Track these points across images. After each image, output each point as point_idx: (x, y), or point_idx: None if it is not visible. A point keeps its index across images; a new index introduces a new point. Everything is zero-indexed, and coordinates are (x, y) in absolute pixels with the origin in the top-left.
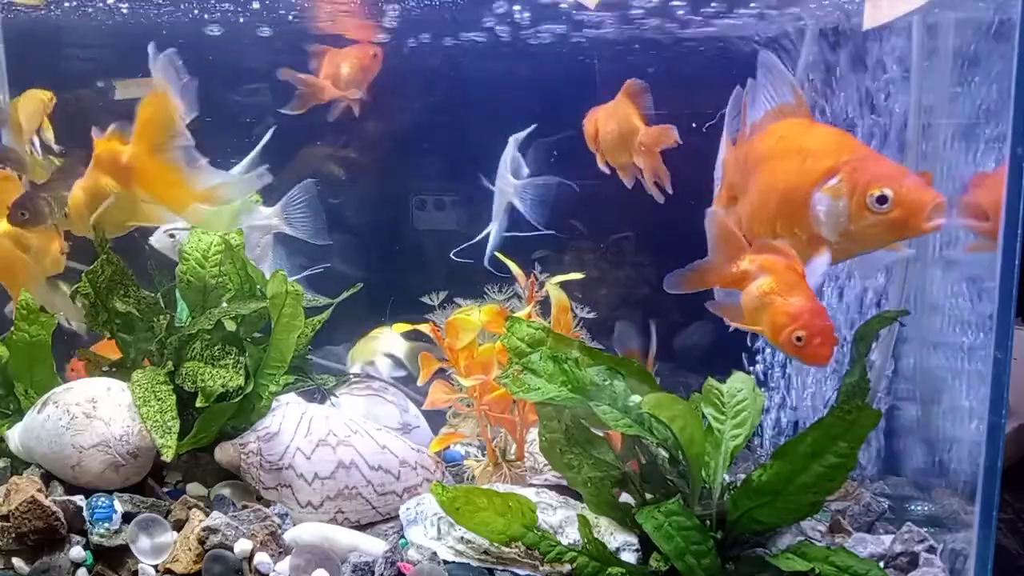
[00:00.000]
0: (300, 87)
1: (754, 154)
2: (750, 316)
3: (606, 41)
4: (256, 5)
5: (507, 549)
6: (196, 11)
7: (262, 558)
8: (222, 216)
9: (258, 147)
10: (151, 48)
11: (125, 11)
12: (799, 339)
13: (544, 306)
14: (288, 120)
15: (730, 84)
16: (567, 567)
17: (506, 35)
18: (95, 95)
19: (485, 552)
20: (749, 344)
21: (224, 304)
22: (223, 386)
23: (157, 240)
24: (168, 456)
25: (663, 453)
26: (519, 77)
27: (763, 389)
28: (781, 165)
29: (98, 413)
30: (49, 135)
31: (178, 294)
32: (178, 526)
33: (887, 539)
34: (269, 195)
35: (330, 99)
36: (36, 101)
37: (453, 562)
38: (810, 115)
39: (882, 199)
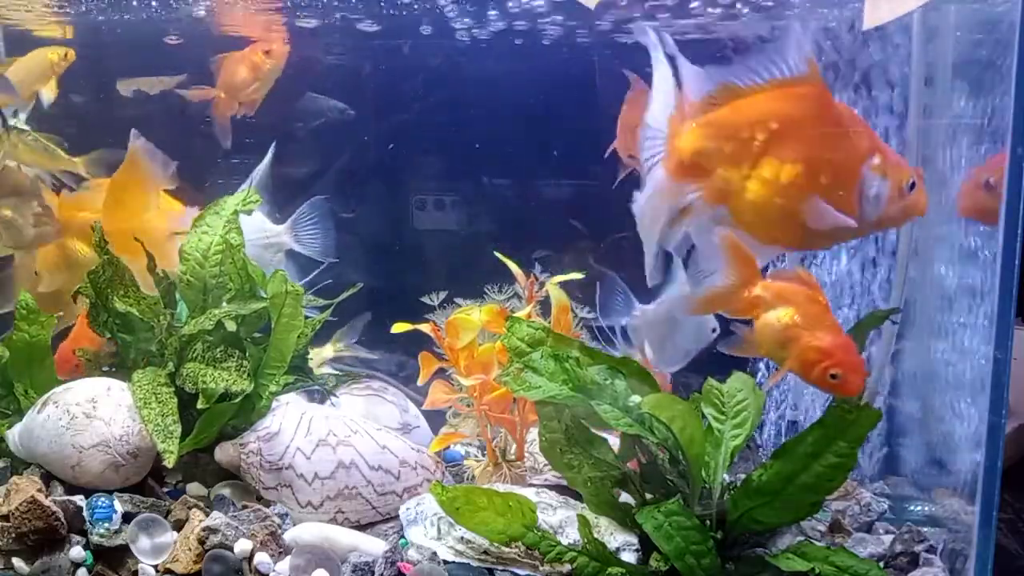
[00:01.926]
0: (201, 100)
1: (758, 118)
2: (771, 349)
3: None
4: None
5: (507, 549)
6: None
7: (262, 558)
8: None
9: (260, 169)
10: (133, 131)
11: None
12: (834, 376)
13: (544, 306)
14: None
15: None
16: (567, 567)
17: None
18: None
19: (485, 552)
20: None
21: (224, 304)
22: (227, 390)
23: None
24: (170, 462)
25: (663, 453)
26: (515, 76)
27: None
28: (826, 136)
29: (98, 413)
30: (50, 96)
31: (178, 294)
32: (178, 526)
33: (887, 539)
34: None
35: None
36: (37, 63)
37: (453, 562)
38: (827, 89)
39: (912, 185)
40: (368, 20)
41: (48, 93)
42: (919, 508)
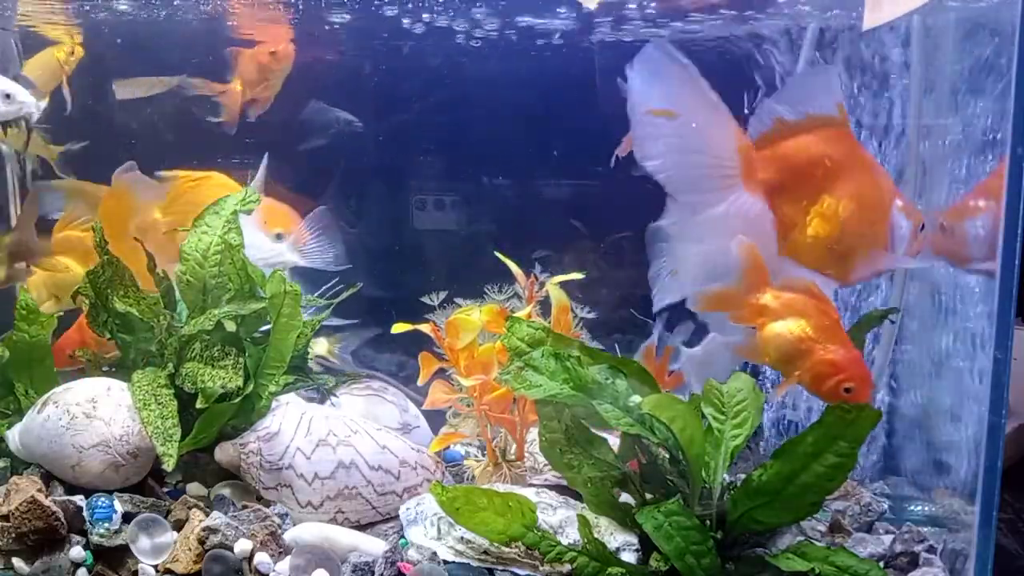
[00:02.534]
0: (208, 93)
1: (819, 155)
2: (776, 359)
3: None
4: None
5: (507, 549)
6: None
7: (262, 558)
8: None
9: (258, 177)
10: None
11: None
12: (848, 390)
13: (544, 306)
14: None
15: (731, 84)
16: (567, 567)
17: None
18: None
19: (485, 552)
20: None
21: (224, 304)
22: (223, 387)
23: None
24: (169, 466)
25: (663, 453)
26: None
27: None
28: (865, 177)
29: (98, 413)
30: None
31: (178, 294)
32: (178, 526)
33: (887, 539)
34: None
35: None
36: (47, 62)
37: (453, 562)
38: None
39: (923, 227)
40: (363, 19)
41: (67, 95)
42: (919, 508)
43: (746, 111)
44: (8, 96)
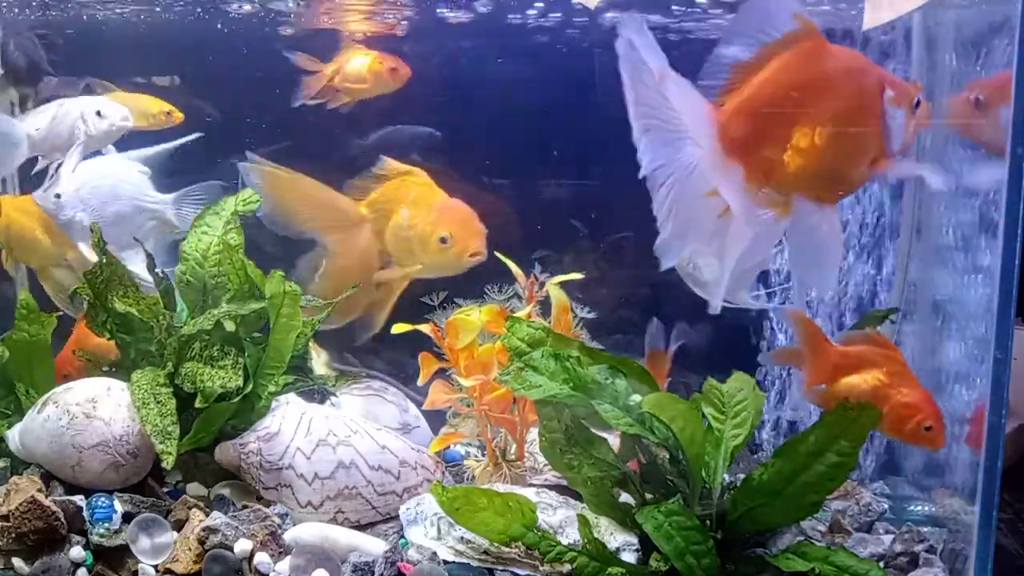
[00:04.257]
0: (305, 73)
1: (782, 89)
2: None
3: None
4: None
5: (507, 549)
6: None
7: (262, 558)
8: None
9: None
10: None
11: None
12: (928, 428)
13: (544, 306)
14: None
15: None
16: (567, 567)
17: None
18: None
19: (485, 552)
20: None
21: (224, 304)
22: (222, 387)
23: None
24: (168, 464)
25: (663, 453)
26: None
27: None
28: (842, 87)
29: (98, 413)
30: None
31: (177, 294)
32: (178, 526)
33: (887, 539)
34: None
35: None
36: (141, 107)
37: (453, 562)
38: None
39: (918, 102)
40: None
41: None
42: (919, 508)
43: None
44: (100, 113)
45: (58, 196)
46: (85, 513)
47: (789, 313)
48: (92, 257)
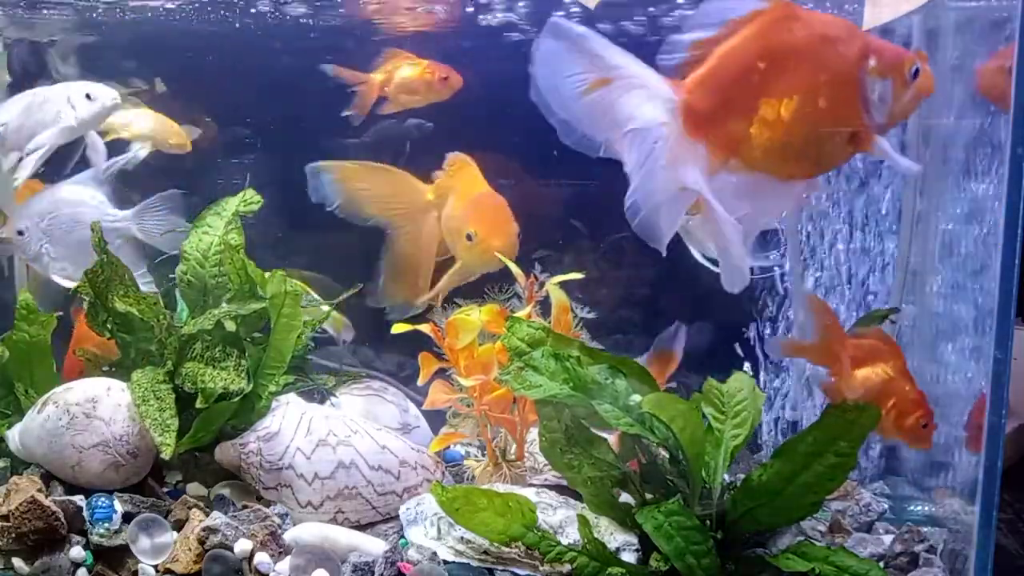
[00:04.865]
0: (353, 85)
1: (747, 58)
2: (861, 399)
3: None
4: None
5: (507, 549)
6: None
7: (262, 558)
8: None
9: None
10: None
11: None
12: (925, 425)
13: (544, 306)
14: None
15: None
16: (567, 567)
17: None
18: None
19: (485, 552)
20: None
21: (224, 304)
22: (224, 389)
23: None
24: (167, 454)
25: (663, 453)
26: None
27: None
28: (813, 56)
29: (98, 413)
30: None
31: (178, 294)
32: (178, 526)
33: (887, 539)
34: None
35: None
36: (168, 132)
37: (453, 562)
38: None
39: (916, 71)
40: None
41: (142, 152)
42: (919, 508)
43: None
44: (89, 96)
45: (21, 233)
46: (85, 513)
47: (808, 300)
48: (68, 285)
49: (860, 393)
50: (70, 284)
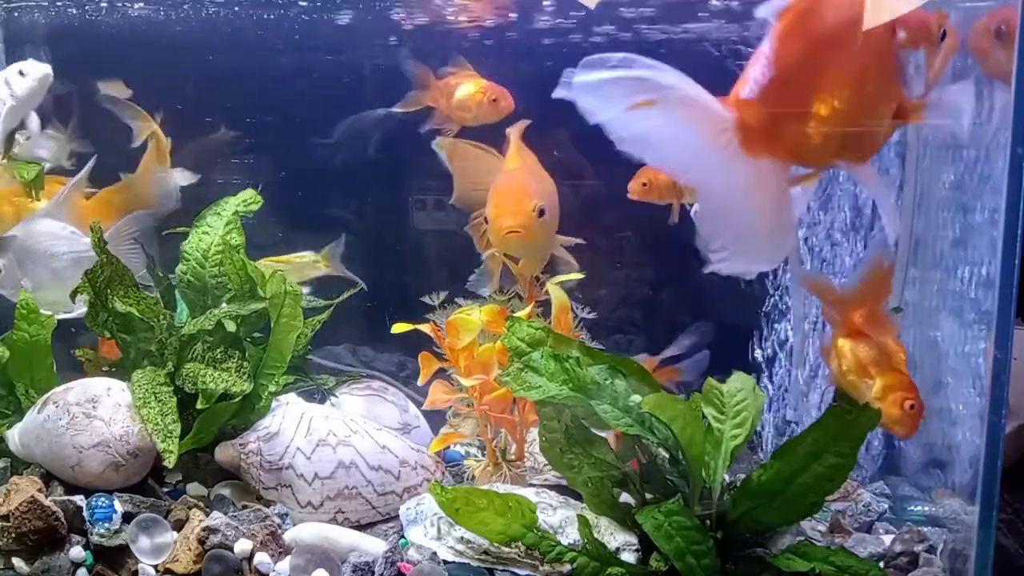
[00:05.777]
0: (416, 84)
1: (792, 65)
2: (856, 368)
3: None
4: None
5: (507, 549)
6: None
7: (262, 558)
8: None
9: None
10: None
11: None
12: (912, 407)
13: (544, 306)
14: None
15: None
16: (567, 567)
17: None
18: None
19: (485, 552)
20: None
21: (224, 304)
22: (226, 390)
23: None
24: (170, 462)
25: (663, 453)
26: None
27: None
28: (848, 43)
29: (98, 413)
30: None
31: (178, 294)
32: (178, 526)
33: (887, 539)
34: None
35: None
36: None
37: (453, 562)
38: None
39: (944, 34)
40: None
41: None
42: (919, 508)
43: None
44: (22, 72)
45: None
46: (85, 513)
47: (804, 279)
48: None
49: (851, 360)
50: (52, 312)
